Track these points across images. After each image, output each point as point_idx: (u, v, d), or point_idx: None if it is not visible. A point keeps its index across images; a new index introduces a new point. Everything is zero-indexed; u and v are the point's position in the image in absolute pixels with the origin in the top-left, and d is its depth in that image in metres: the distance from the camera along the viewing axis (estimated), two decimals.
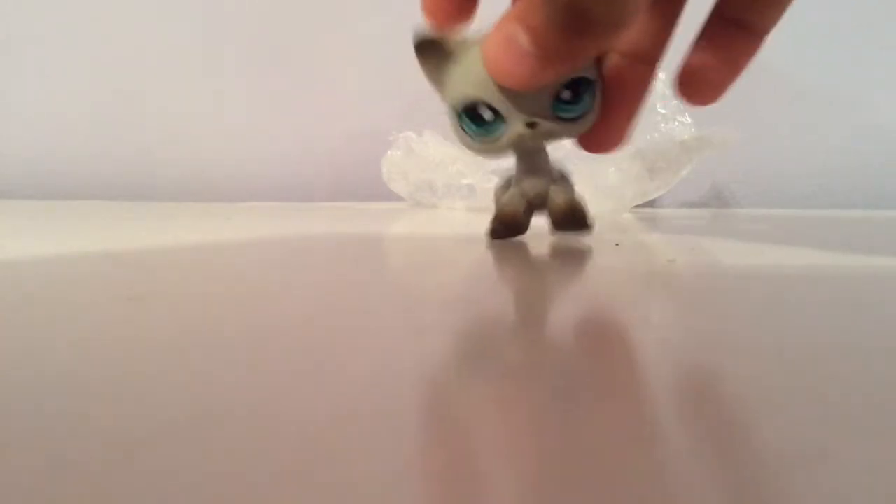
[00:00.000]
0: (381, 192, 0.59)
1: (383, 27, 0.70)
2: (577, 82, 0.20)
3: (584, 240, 0.30)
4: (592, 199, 0.45)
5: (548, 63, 0.17)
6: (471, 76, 0.20)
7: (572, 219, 0.25)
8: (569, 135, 0.22)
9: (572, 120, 0.21)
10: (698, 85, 0.21)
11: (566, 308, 0.15)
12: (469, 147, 0.22)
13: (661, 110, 0.48)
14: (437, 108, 0.23)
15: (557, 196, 0.25)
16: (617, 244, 0.27)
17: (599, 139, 0.22)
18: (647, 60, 0.21)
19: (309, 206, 0.61)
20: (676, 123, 0.47)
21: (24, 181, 0.72)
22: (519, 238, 0.26)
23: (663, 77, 0.48)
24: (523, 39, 0.17)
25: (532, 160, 0.25)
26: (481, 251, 0.23)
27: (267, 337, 0.11)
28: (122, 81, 0.73)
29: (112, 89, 0.73)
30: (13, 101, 0.73)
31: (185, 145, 0.74)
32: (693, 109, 0.47)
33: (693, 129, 0.47)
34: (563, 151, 0.51)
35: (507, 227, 0.25)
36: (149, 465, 0.06)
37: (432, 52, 0.21)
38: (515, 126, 0.21)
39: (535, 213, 0.26)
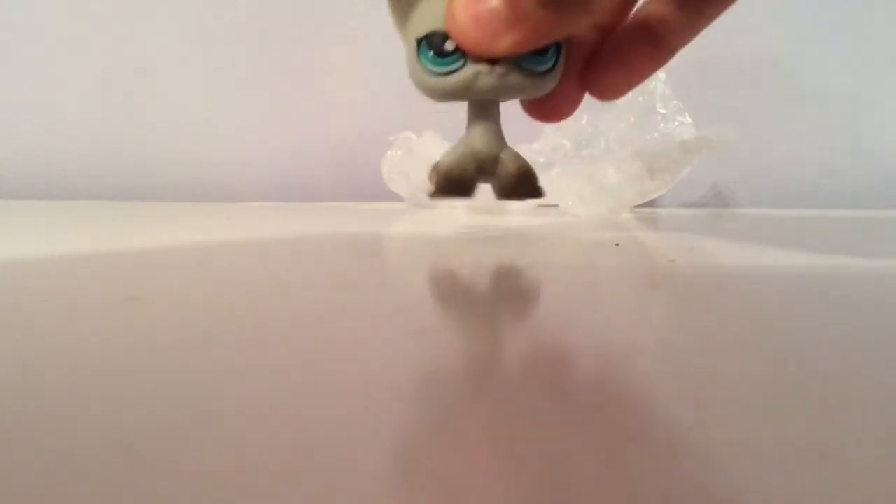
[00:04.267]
0: (381, 192, 0.59)
1: (383, 27, 0.70)
2: None
3: (584, 240, 0.30)
4: (592, 199, 0.45)
5: (522, 30, 0.17)
6: (439, 9, 0.20)
7: (524, 184, 0.24)
8: (526, 90, 0.21)
9: (531, 72, 0.20)
10: (600, 87, 0.22)
11: (566, 308, 0.15)
12: (421, 83, 0.21)
13: (661, 110, 0.48)
14: (437, 108, 0.23)
15: (509, 160, 0.24)
16: (617, 244, 0.27)
17: (551, 104, 0.22)
18: (658, 44, 0.21)
19: (309, 206, 0.61)
20: (676, 123, 0.47)
21: (24, 181, 0.72)
22: (519, 238, 0.26)
23: (663, 77, 0.48)
24: (495, 3, 0.16)
25: (487, 119, 0.23)
26: (481, 251, 0.23)
27: (267, 337, 0.11)
28: (122, 82, 0.73)
29: (112, 90, 0.73)
30: (13, 101, 0.73)
31: (185, 145, 0.74)
32: (693, 109, 0.47)
33: (693, 129, 0.47)
34: (563, 151, 0.51)
35: (454, 186, 0.24)
36: (148, 465, 0.06)
37: None
38: (477, 63, 0.20)
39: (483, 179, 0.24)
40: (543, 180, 0.37)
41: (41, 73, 0.73)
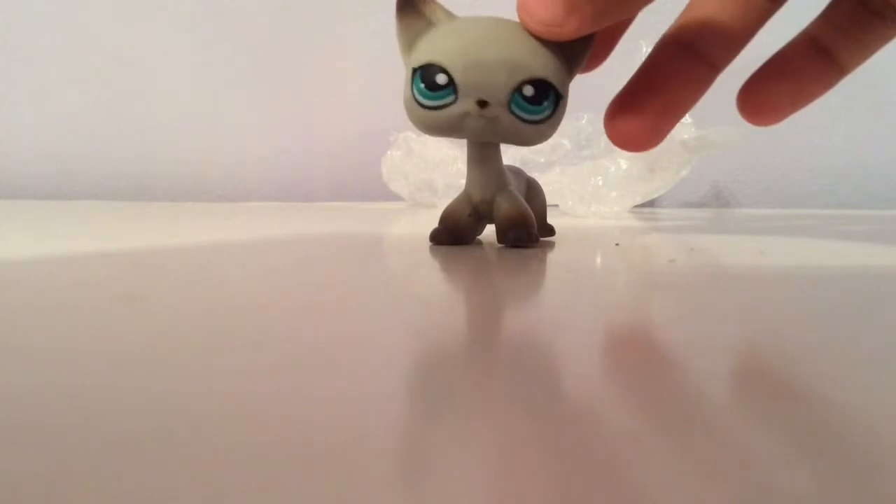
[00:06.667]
0: (381, 192, 0.59)
1: (384, 26, 0.70)
2: (543, 86, 0.20)
3: (584, 240, 0.30)
4: (592, 199, 0.45)
5: (573, 10, 0.17)
6: (440, 43, 0.20)
7: (515, 230, 0.23)
8: (516, 138, 0.21)
9: (524, 120, 0.20)
10: (760, 107, 0.20)
11: (566, 308, 0.15)
12: (412, 114, 0.21)
13: None
14: None
15: (503, 204, 0.23)
16: (617, 244, 0.27)
17: (638, 133, 0.20)
18: (714, 61, 0.20)
19: (309, 206, 0.61)
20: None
21: (24, 181, 0.72)
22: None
23: None
24: None
25: (481, 161, 0.23)
26: (481, 252, 0.23)
27: (267, 338, 0.11)
28: (122, 82, 0.73)
29: (112, 89, 0.73)
30: (13, 101, 0.73)
31: (185, 145, 0.74)
32: (693, 109, 0.47)
33: (693, 129, 0.47)
34: (563, 151, 0.51)
35: (447, 232, 0.24)
36: (147, 467, 0.06)
37: (414, 14, 0.20)
38: (466, 102, 0.20)
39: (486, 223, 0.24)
40: (544, 180, 0.35)
41: (40, 72, 0.73)
